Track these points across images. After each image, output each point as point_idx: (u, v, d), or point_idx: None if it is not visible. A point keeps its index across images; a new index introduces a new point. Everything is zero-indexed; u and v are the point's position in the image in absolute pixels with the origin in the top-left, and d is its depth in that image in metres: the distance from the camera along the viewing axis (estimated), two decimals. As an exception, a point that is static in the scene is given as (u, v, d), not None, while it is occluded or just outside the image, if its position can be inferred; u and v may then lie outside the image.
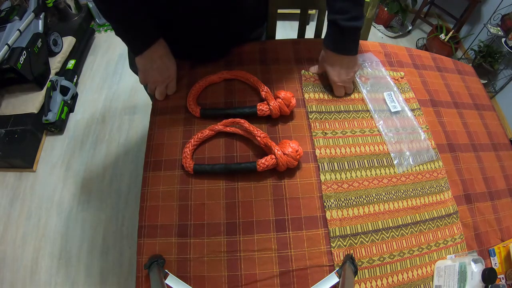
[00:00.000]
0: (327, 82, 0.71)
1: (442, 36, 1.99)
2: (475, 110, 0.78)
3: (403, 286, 0.53)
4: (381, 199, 0.59)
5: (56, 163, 1.54)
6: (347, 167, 0.61)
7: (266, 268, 0.52)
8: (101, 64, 1.93)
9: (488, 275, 0.49)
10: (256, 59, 0.74)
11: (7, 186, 1.48)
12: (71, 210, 1.41)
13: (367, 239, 0.55)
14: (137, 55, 0.64)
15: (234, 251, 0.53)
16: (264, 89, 0.65)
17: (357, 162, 0.62)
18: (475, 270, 0.49)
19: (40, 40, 1.57)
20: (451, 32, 1.96)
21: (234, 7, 0.67)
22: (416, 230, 0.58)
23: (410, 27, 2.27)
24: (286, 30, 2.12)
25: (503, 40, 1.71)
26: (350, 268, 0.49)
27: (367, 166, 0.62)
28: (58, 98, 1.58)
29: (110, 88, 1.81)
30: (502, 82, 1.85)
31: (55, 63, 1.69)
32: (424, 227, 0.58)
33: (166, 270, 0.50)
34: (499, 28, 1.74)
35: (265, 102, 0.63)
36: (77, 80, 1.80)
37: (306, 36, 0.96)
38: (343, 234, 0.55)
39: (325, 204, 0.57)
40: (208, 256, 0.52)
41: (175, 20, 0.66)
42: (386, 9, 2.12)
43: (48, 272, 1.27)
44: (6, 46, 1.41)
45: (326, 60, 0.68)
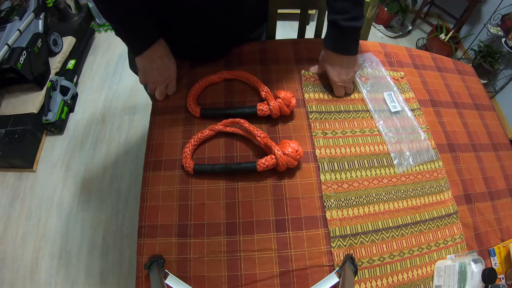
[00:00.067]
0: (327, 82, 0.71)
1: (442, 36, 1.99)
2: (475, 110, 0.78)
3: (403, 286, 0.53)
4: (381, 199, 0.59)
5: (56, 163, 1.54)
6: (347, 167, 0.61)
7: (266, 268, 0.52)
8: (101, 64, 1.93)
9: (488, 275, 0.49)
10: (256, 59, 0.74)
11: (7, 186, 1.48)
12: (71, 210, 1.41)
13: (367, 239, 0.55)
14: (137, 55, 0.64)
15: (234, 251, 0.53)
16: (264, 89, 0.65)
17: (357, 162, 0.62)
18: (475, 270, 0.49)
19: (40, 40, 1.57)
20: (451, 32, 1.96)
21: (234, 7, 0.67)
22: (416, 230, 0.58)
23: (410, 27, 2.27)
24: (286, 30, 2.12)
25: (503, 40, 1.71)
26: (350, 268, 0.49)
27: (367, 166, 0.62)
28: (58, 98, 1.58)
29: (110, 88, 1.81)
30: (502, 82, 1.85)
31: (55, 63, 1.70)
32: (424, 227, 0.58)
33: (166, 270, 0.50)
34: (499, 28, 1.74)
35: (265, 102, 0.63)
36: (77, 80, 1.80)
37: (306, 36, 0.96)
38: (343, 234, 0.55)
39: (325, 204, 0.57)
40: (208, 256, 0.52)
41: (175, 20, 0.66)
42: (386, 9, 2.12)
43: (48, 272, 1.27)
44: (6, 46, 1.41)
45: (326, 60, 0.68)
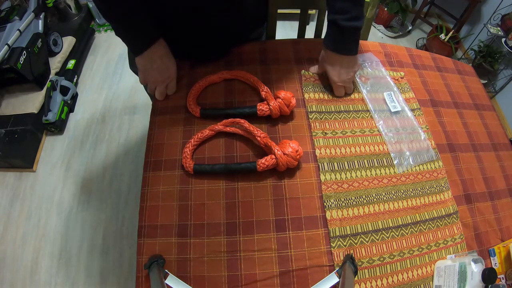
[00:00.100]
0: (327, 82, 0.71)
1: (442, 36, 1.99)
2: (475, 110, 0.78)
3: (403, 286, 0.53)
4: (381, 199, 0.59)
5: (56, 163, 1.54)
6: (347, 167, 0.61)
7: (266, 268, 0.52)
8: (101, 64, 1.93)
9: (488, 275, 0.49)
10: (256, 59, 0.74)
11: (7, 186, 1.48)
12: (71, 210, 1.41)
13: (367, 239, 0.55)
14: (137, 55, 0.64)
15: (234, 251, 0.53)
16: (264, 89, 0.65)
17: (357, 162, 0.62)
18: (475, 270, 0.49)
19: (40, 40, 1.57)
20: (451, 32, 1.96)
21: (234, 7, 0.67)
22: (416, 230, 0.58)
23: (410, 27, 2.27)
24: (286, 30, 2.12)
25: (503, 40, 1.71)
26: (350, 268, 0.49)
27: (367, 166, 0.62)
28: (58, 98, 1.58)
29: (110, 88, 1.81)
30: (502, 82, 1.85)
31: (55, 63, 1.70)
32: (424, 227, 0.58)
33: (166, 270, 0.50)
34: (499, 28, 1.74)
35: (265, 102, 0.63)
36: (77, 80, 1.80)
37: (306, 36, 0.95)
38: (343, 234, 0.55)
39: (325, 204, 0.57)
40: (208, 256, 0.52)
41: (175, 20, 0.66)
42: (386, 9, 2.12)
43: (48, 272, 1.27)
44: (6, 46, 1.41)
45: (326, 60, 0.68)
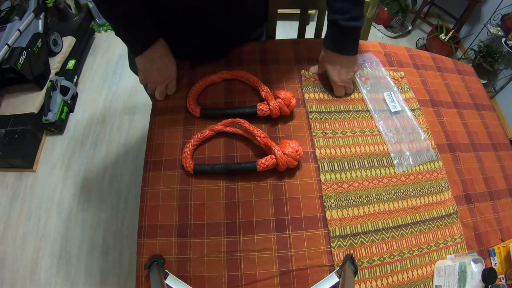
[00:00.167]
0: (327, 82, 0.71)
1: (442, 36, 1.99)
2: (475, 110, 0.78)
3: (403, 286, 0.53)
4: (381, 199, 0.59)
5: (56, 163, 1.54)
6: (347, 167, 0.61)
7: (266, 268, 0.52)
8: (101, 64, 1.93)
9: (488, 275, 0.49)
10: (256, 59, 0.74)
11: (7, 186, 1.48)
12: (71, 210, 1.41)
13: (367, 239, 0.55)
14: (137, 55, 0.64)
15: (234, 251, 0.53)
16: (264, 89, 0.65)
17: (357, 162, 0.62)
18: (475, 270, 0.49)
19: (40, 40, 1.57)
20: (451, 32, 1.96)
21: (234, 7, 0.67)
22: (416, 230, 0.58)
23: (410, 27, 2.27)
24: (286, 30, 2.12)
25: (503, 40, 1.71)
26: (350, 268, 0.49)
27: (367, 166, 0.62)
28: (58, 98, 1.58)
29: (110, 88, 1.81)
30: (502, 82, 1.85)
31: (55, 63, 1.70)
32: (424, 227, 0.58)
33: (166, 270, 0.50)
34: (499, 28, 1.74)
35: (265, 102, 0.63)
36: (77, 80, 1.80)
37: (306, 36, 0.96)
38: (343, 234, 0.55)
39: (325, 204, 0.57)
40: (208, 256, 0.52)
41: (175, 20, 0.66)
42: (386, 9, 2.12)
43: (48, 272, 1.27)
44: (6, 46, 1.41)
45: (326, 60, 0.68)
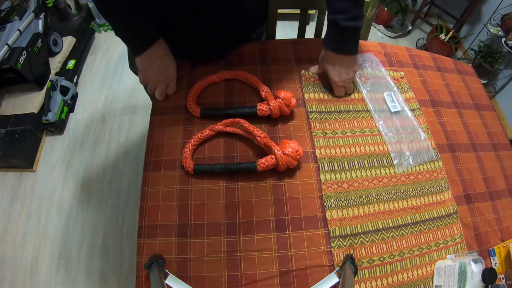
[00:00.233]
0: (327, 82, 0.71)
1: (442, 36, 1.99)
2: (475, 110, 0.78)
3: (403, 286, 0.53)
4: (381, 199, 0.59)
5: (56, 163, 1.54)
6: (347, 167, 0.61)
7: (266, 268, 0.52)
8: (101, 64, 1.93)
9: (488, 275, 0.49)
10: (256, 59, 0.74)
11: (7, 186, 1.48)
12: (71, 210, 1.41)
13: (367, 239, 0.55)
14: (137, 55, 0.64)
15: (234, 251, 0.53)
16: (264, 89, 0.65)
17: (357, 162, 0.62)
18: (475, 270, 0.49)
19: (40, 40, 1.57)
20: (451, 32, 1.96)
21: (234, 7, 0.67)
22: (416, 230, 0.58)
23: (410, 27, 2.27)
24: (286, 30, 2.12)
25: (503, 40, 1.71)
26: (350, 268, 0.49)
27: (367, 166, 0.62)
28: (58, 98, 1.58)
29: (110, 88, 1.81)
30: (502, 82, 1.85)
31: (55, 63, 1.70)
32: (424, 227, 0.58)
33: (166, 270, 0.50)
34: (499, 28, 1.74)
35: (265, 102, 0.63)
36: (77, 80, 1.80)
37: (306, 36, 0.96)
38: (343, 234, 0.55)
39: (325, 204, 0.57)
40: (208, 256, 0.52)
41: (175, 20, 0.66)
42: (386, 9, 2.12)
43: (48, 272, 1.27)
44: (6, 46, 1.41)
45: (326, 60, 0.68)
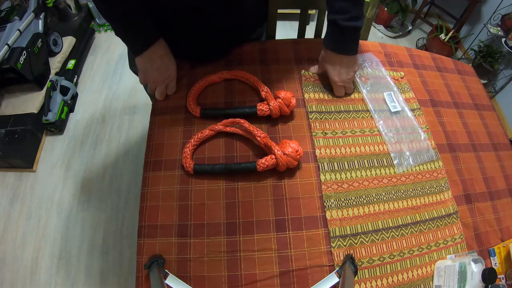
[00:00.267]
0: (327, 82, 0.71)
1: (442, 36, 1.99)
2: (475, 110, 0.78)
3: (403, 286, 0.53)
4: (381, 199, 0.59)
5: (56, 163, 1.54)
6: (347, 167, 0.61)
7: (266, 268, 0.52)
8: (101, 64, 1.93)
9: (488, 275, 0.49)
10: (256, 59, 0.74)
11: (7, 186, 1.48)
12: (71, 210, 1.41)
13: (367, 239, 0.55)
14: (137, 55, 0.64)
15: (234, 251, 0.53)
16: (264, 89, 0.65)
17: (357, 162, 0.62)
18: (475, 270, 0.49)
19: (40, 40, 1.57)
20: (451, 32, 1.96)
21: (234, 7, 0.67)
22: (416, 230, 0.58)
23: (410, 27, 2.27)
24: (286, 30, 2.12)
25: (503, 40, 1.71)
26: (350, 268, 0.49)
27: (367, 166, 0.62)
28: (58, 98, 1.58)
29: (110, 88, 1.81)
30: (502, 82, 1.85)
31: (55, 63, 1.70)
32: (424, 227, 0.58)
33: (166, 270, 0.50)
34: (499, 28, 1.74)
35: (265, 102, 0.63)
36: (77, 80, 1.80)
37: (306, 36, 0.96)
38: (343, 234, 0.55)
39: (325, 204, 0.57)
40: (208, 256, 0.52)
41: (175, 20, 0.66)
42: (386, 9, 2.12)
43: (48, 272, 1.27)
44: (6, 46, 1.41)
45: (326, 60, 0.68)
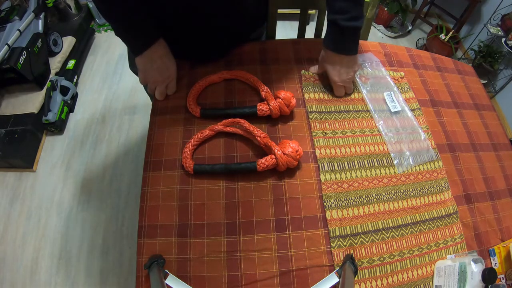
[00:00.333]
0: (327, 82, 0.71)
1: (442, 36, 1.99)
2: (475, 110, 0.78)
3: (403, 286, 0.53)
4: (381, 199, 0.59)
5: (56, 163, 1.54)
6: (347, 167, 0.61)
7: (266, 268, 0.52)
8: (101, 64, 1.93)
9: (488, 275, 0.49)
10: (256, 59, 0.74)
11: (7, 186, 1.48)
12: (71, 210, 1.41)
13: (367, 239, 0.55)
14: (137, 55, 0.64)
15: (234, 251, 0.53)
16: (264, 89, 0.65)
17: (357, 162, 0.62)
18: (475, 270, 0.49)
19: (40, 40, 1.57)
20: (451, 32, 1.96)
21: (234, 7, 0.67)
22: (416, 230, 0.58)
23: (410, 27, 2.27)
24: (286, 30, 2.12)
25: (503, 40, 1.71)
26: (350, 268, 0.49)
27: (367, 166, 0.62)
28: (58, 98, 1.58)
29: (110, 88, 1.81)
30: (502, 82, 1.85)
31: (55, 63, 1.70)
32: (424, 227, 0.58)
33: (166, 270, 0.50)
34: (499, 28, 1.74)
35: (265, 102, 0.63)
36: (77, 80, 1.80)
37: (306, 36, 0.96)
38: (343, 234, 0.55)
39: (325, 204, 0.57)
40: (208, 256, 0.52)
41: (175, 20, 0.66)
42: (386, 9, 2.12)
43: (48, 272, 1.27)
44: (6, 46, 1.41)
45: (326, 60, 0.68)
